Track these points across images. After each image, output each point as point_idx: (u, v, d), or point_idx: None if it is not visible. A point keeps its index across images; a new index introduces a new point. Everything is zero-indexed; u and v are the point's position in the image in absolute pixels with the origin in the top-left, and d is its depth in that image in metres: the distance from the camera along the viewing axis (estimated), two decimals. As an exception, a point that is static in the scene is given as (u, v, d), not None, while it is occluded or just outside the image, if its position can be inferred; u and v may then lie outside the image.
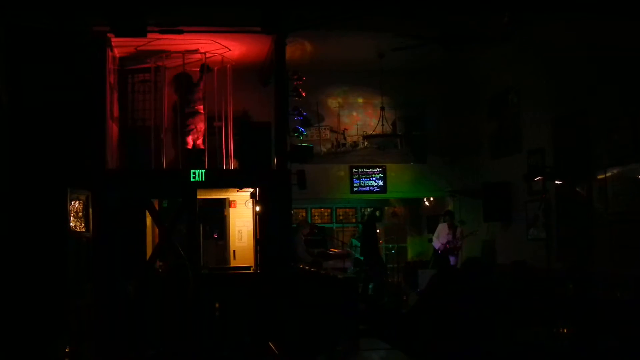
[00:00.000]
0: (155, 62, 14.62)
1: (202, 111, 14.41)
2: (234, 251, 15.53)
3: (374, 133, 17.34)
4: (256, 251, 14.79)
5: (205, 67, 14.54)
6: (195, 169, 13.40)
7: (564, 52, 13.70)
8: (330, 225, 21.06)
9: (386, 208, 20.89)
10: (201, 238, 14.45)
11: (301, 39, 14.66)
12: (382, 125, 17.14)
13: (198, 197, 13.57)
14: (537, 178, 13.65)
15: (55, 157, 12.37)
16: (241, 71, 15.26)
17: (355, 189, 17.84)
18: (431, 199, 19.52)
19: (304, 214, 20.81)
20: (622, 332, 8.88)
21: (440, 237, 16.95)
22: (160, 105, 14.56)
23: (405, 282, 17.36)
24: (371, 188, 17.85)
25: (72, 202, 12.51)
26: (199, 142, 14.38)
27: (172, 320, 11.60)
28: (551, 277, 12.19)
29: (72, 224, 12.44)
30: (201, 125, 14.38)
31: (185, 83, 14.55)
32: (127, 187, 13.22)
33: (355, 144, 18.07)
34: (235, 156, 14.55)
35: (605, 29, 12.29)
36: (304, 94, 14.29)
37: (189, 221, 13.54)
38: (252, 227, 15.23)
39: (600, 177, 12.53)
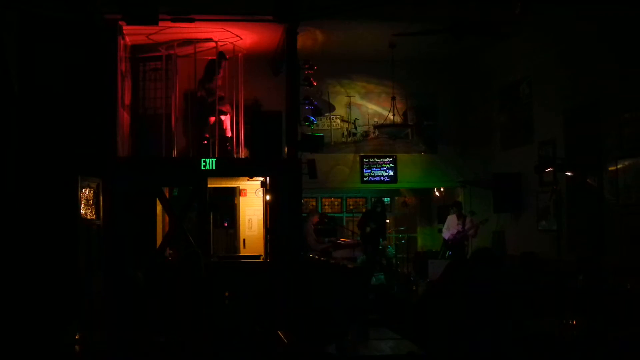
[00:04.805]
0: (167, 51, 14.63)
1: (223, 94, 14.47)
2: (244, 240, 15.57)
3: (385, 123, 17.32)
4: (266, 240, 14.82)
5: (222, 55, 14.53)
6: (205, 157, 13.45)
7: (576, 43, 13.65)
8: (341, 214, 21.05)
9: (397, 198, 20.88)
10: (211, 226, 14.48)
11: (313, 28, 14.63)
12: (393, 115, 17.12)
13: (208, 185, 13.61)
14: (548, 169, 13.63)
15: (66, 145, 12.42)
16: (252, 60, 15.27)
17: (365, 179, 17.84)
18: (442, 189, 19.48)
19: (314, 203, 20.81)
20: (632, 323, 8.86)
21: (450, 228, 16.93)
22: (172, 93, 14.57)
23: (415, 272, 17.34)
24: (382, 178, 17.85)
25: (83, 190, 12.55)
26: (226, 126, 14.41)
27: (182, 309, 11.62)
28: (561, 268, 12.17)
29: (82, 211, 12.49)
30: (227, 108, 14.44)
31: (207, 71, 14.55)
32: (138, 175, 13.26)
33: (366, 134, 18.06)
34: (246, 145, 14.56)
35: (619, 19, 12.24)
36: (315, 83, 14.29)
37: (199, 210, 13.58)
38: (262, 216, 15.27)
39: (611, 168, 12.50)
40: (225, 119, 14.50)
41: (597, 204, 12.95)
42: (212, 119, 14.42)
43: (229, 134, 14.46)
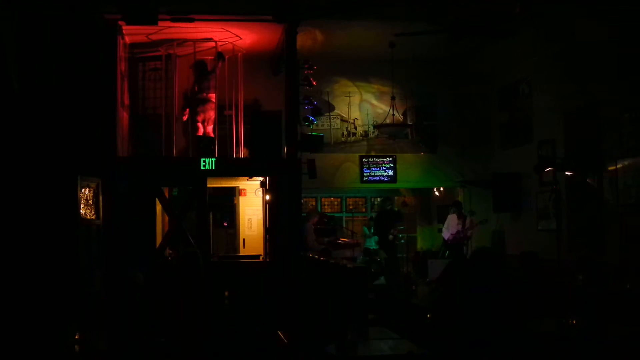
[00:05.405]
0: (166, 50, 14.63)
1: (214, 99, 14.38)
2: (244, 240, 15.57)
3: (384, 122, 17.31)
4: (266, 240, 14.82)
5: (221, 56, 14.52)
6: (204, 157, 13.42)
7: (576, 42, 13.65)
8: (340, 214, 21.08)
9: (396, 198, 20.89)
10: (211, 226, 14.48)
11: (312, 28, 14.62)
12: (393, 114, 17.12)
13: (208, 185, 13.60)
14: (548, 169, 13.61)
15: (66, 145, 12.41)
16: (252, 60, 15.28)
17: (365, 179, 17.83)
18: (441, 189, 19.49)
19: (313, 203, 20.83)
20: (632, 324, 8.87)
21: (450, 227, 16.95)
22: (171, 93, 14.58)
23: (414, 272, 17.36)
24: (381, 177, 17.84)
25: (83, 190, 12.55)
26: (209, 129, 14.37)
27: (181, 309, 11.63)
28: (561, 268, 12.17)
29: (82, 211, 12.48)
30: (211, 113, 14.35)
31: (199, 69, 14.51)
32: (138, 175, 13.26)
33: (365, 133, 18.05)
34: (245, 145, 14.56)
35: (617, 19, 12.24)
36: (314, 83, 14.26)
37: (199, 209, 13.57)
38: (261, 215, 15.27)
39: (611, 168, 12.50)
40: (208, 122, 14.42)
41: (596, 203, 12.95)
42: (199, 118, 14.43)
43: (211, 134, 14.40)
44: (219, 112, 14.43)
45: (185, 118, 14.44)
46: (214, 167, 13.31)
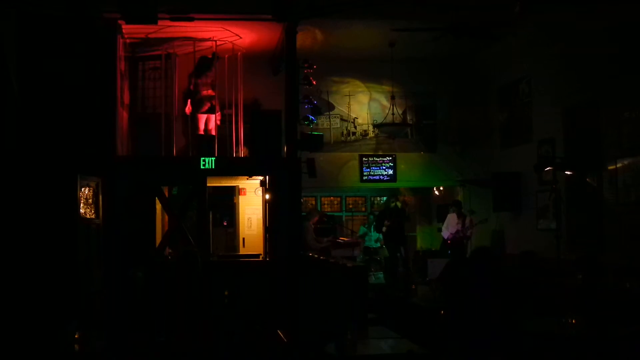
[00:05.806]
0: (166, 50, 14.61)
1: (214, 93, 14.39)
2: (244, 239, 15.56)
3: (384, 122, 17.33)
4: (265, 239, 14.80)
5: (216, 56, 14.51)
6: (204, 156, 13.42)
7: (576, 41, 13.65)
8: (340, 213, 21.05)
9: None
10: (211, 225, 14.47)
11: (312, 27, 14.62)
12: (393, 114, 17.12)
13: (208, 184, 13.59)
14: (548, 168, 13.63)
15: (66, 144, 12.41)
16: (252, 59, 15.28)
17: (365, 178, 17.83)
18: (441, 188, 19.48)
19: (313, 203, 20.80)
20: (632, 323, 8.86)
21: (449, 226, 16.93)
22: (171, 92, 14.56)
23: (414, 272, 17.34)
24: (381, 177, 17.84)
25: (82, 189, 12.54)
26: (211, 126, 14.37)
27: (181, 307, 11.65)
28: (561, 267, 12.17)
29: (82, 210, 12.47)
30: (217, 108, 14.38)
31: (201, 66, 14.50)
32: (137, 174, 13.25)
33: (365, 133, 18.06)
34: (245, 144, 14.55)
35: (618, 18, 12.24)
36: (314, 82, 14.26)
37: (199, 208, 13.56)
38: (261, 214, 15.25)
39: (610, 167, 12.51)
40: (210, 119, 14.44)
41: (596, 202, 12.96)
42: (200, 116, 14.44)
43: (213, 133, 14.40)
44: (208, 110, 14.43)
45: (188, 111, 14.43)
46: (213, 167, 13.30)
